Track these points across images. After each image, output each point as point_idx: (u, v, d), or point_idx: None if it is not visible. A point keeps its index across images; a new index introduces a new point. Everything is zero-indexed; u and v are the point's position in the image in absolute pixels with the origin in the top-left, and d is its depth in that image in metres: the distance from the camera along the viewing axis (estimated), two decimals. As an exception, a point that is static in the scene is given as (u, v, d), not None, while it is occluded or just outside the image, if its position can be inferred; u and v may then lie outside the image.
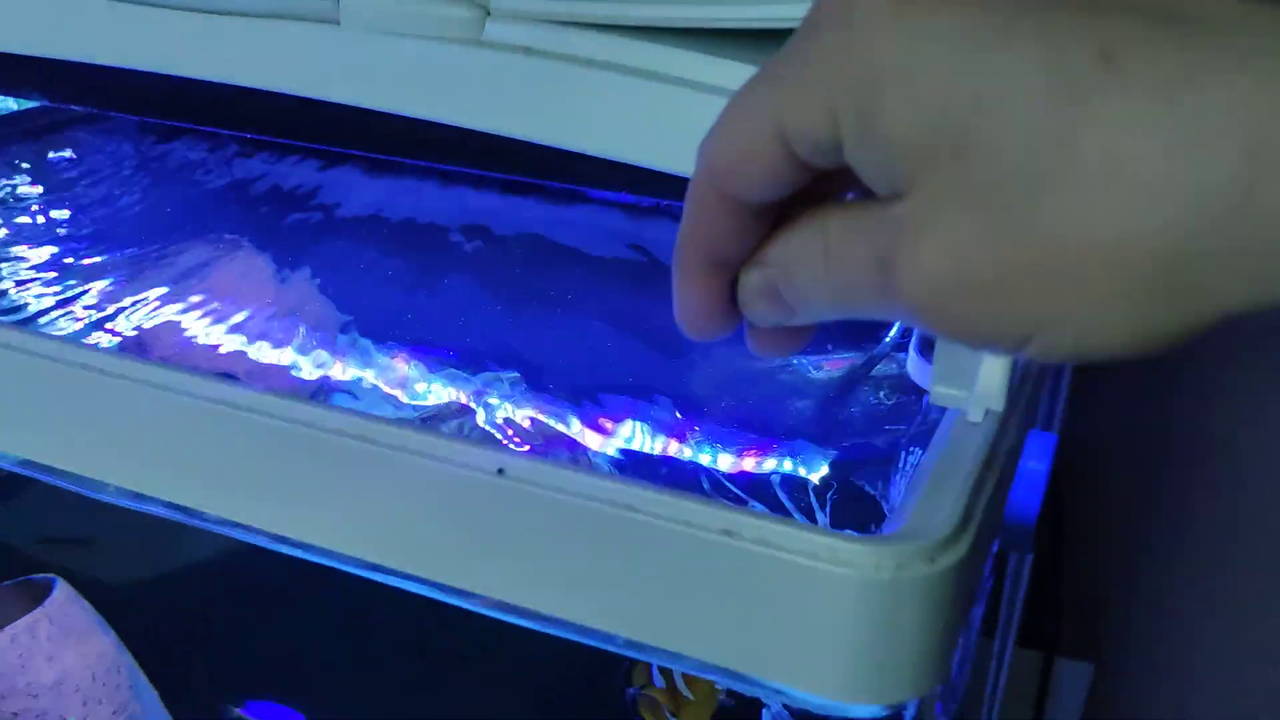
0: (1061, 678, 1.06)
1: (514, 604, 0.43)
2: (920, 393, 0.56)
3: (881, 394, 0.63)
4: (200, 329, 0.66)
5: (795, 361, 0.65)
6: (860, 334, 0.65)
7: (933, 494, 0.39)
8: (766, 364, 0.64)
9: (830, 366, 0.65)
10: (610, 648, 0.44)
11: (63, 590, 0.84)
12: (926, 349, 0.54)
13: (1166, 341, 0.28)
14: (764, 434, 0.57)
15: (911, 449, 0.53)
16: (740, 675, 0.41)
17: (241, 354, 0.64)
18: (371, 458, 0.43)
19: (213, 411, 0.45)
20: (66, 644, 0.82)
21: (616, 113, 0.53)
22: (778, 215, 0.33)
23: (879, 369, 0.64)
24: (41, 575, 0.86)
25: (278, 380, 0.61)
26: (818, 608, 0.38)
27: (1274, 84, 0.25)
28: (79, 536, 1.01)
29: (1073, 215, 0.27)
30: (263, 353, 0.64)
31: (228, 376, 0.56)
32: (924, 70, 0.27)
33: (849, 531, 0.38)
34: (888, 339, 0.64)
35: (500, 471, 0.41)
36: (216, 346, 0.65)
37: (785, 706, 0.70)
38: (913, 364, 0.56)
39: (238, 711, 0.83)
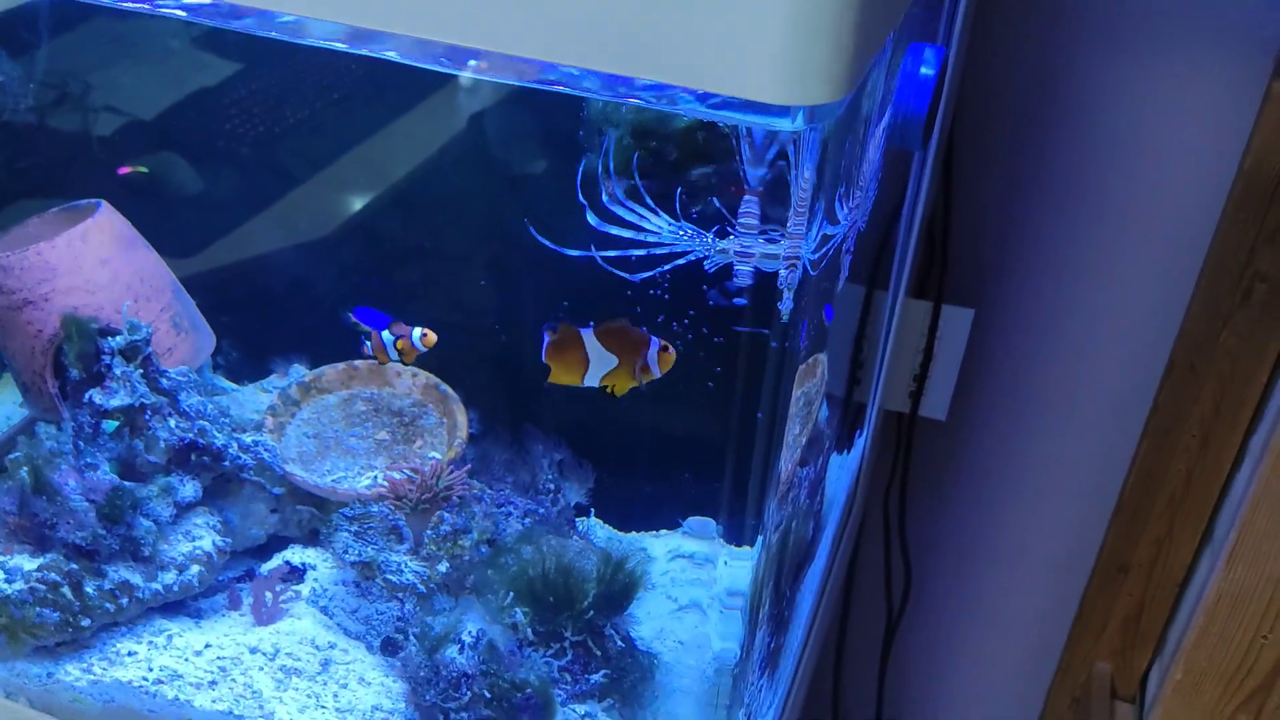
0: (946, 322, 1.26)
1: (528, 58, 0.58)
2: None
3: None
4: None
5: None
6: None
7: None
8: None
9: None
10: (610, 95, 0.60)
11: (107, 208, 0.98)
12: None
13: None
14: None
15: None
16: (705, 94, 0.57)
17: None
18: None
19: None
20: (115, 250, 0.97)
21: None
22: None
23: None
24: (87, 200, 0.99)
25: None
26: (762, 17, 0.53)
27: None
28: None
29: None
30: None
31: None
32: None
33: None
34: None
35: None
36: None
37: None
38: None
39: (354, 318, 0.96)
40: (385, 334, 0.93)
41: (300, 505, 1.00)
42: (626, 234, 0.80)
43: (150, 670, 0.90)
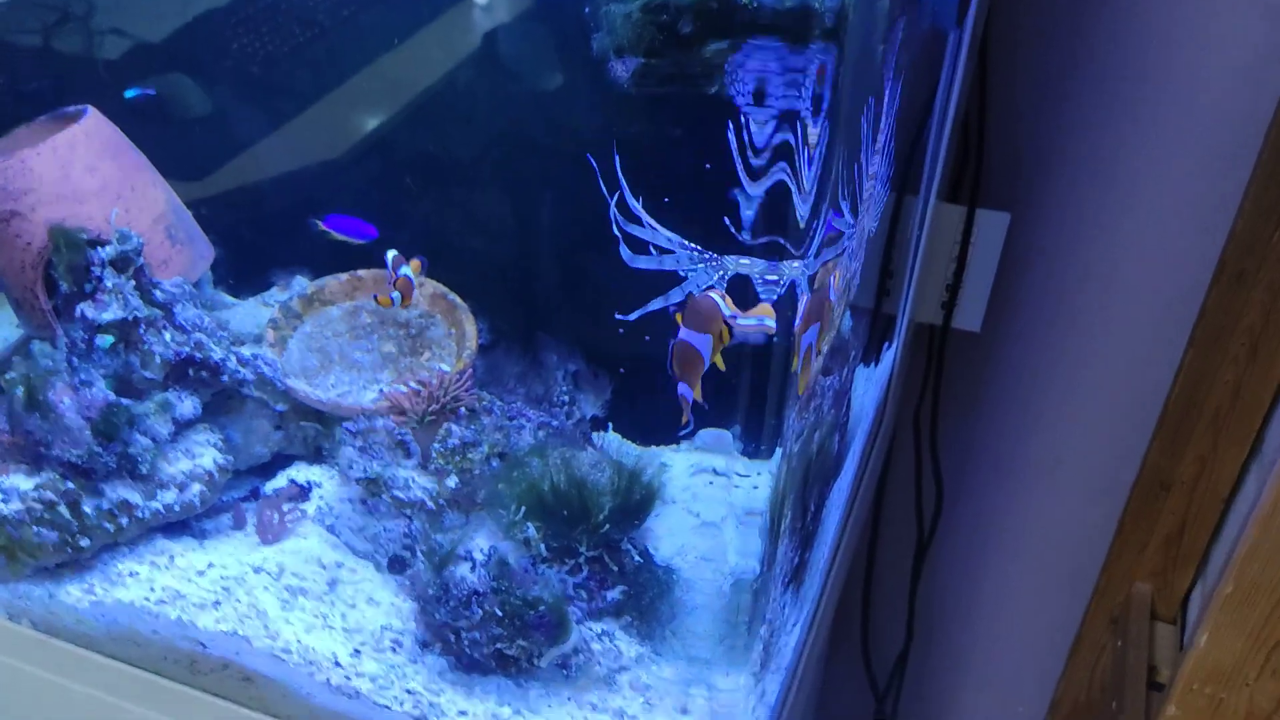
0: (981, 227, 1.20)
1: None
2: None
3: None
4: None
5: None
6: None
7: None
8: None
9: None
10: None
11: (94, 114, 0.93)
12: None
13: None
14: None
15: None
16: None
17: None
18: None
19: None
20: (103, 157, 0.92)
21: None
22: None
23: None
24: (74, 107, 0.95)
25: None
26: None
27: None
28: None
29: None
30: None
31: None
32: None
33: None
34: None
35: None
36: None
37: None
38: None
39: (321, 225, 0.91)
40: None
41: (305, 422, 0.96)
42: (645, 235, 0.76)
43: (152, 591, 0.87)
